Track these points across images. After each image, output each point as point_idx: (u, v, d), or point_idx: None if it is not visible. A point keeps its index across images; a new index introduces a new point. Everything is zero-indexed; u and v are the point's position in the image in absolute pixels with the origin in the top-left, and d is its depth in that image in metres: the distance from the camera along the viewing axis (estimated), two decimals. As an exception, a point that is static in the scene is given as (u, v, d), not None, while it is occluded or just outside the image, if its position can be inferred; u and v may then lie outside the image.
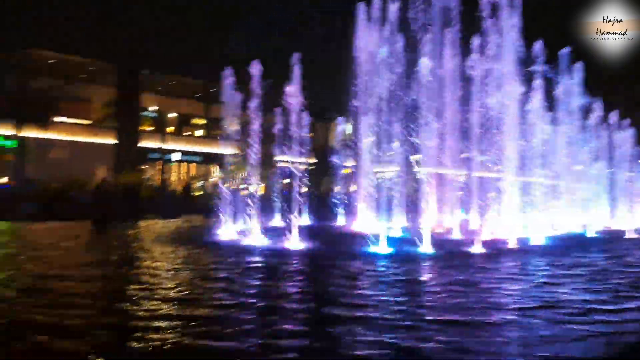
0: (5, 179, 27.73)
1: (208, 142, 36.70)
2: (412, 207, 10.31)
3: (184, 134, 38.30)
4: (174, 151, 33.87)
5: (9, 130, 24.85)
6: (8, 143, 27.08)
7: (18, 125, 24.40)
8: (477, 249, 8.01)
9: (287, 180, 39.19)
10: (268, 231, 8.05)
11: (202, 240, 7.25)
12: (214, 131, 39.61)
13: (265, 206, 9.83)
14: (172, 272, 4.52)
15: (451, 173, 13.39)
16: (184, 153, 35.34)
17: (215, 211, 18.53)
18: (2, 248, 6.00)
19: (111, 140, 31.71)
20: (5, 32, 25.52)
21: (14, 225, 9.49)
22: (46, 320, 3.02)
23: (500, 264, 6.98)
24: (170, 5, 32.22)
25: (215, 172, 38.16)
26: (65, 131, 28.63)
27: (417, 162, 12.33)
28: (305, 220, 10.83)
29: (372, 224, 9.73)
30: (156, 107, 35.43)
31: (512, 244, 8.94)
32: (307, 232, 7.84)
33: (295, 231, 7.25)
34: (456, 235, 9.80)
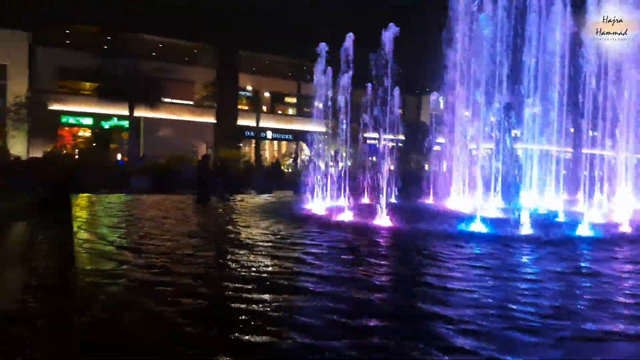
0: (119, 156, 30.72)
1: (299, 120, 37.45)
2: (510, 185, 9.58)
3: (277, 112, 39.37)
4: (267, 129, 35.02)
5: (123, 111, 27.32)
6: (123, 123, 29.91)
7: (131, 106, 26.70)
8: (585, 232, 7.20)
9: (374, 157, 38.90)
10: (356, 208, 7.94)
11: (294, 214, 7.32)
12: (305, 109, 40.37)
13: (354, 183, 9.70)
14: (258, 245, 4.58)
15: (555, 150, 12.22)
16: (277, 131, 36.38)
17: (305, 187, 18.97)
18: (126, 216, 6.54)
19: (211, 119, 33.61)
20: (118, 16, 27.90)
21: (128, 197, 10.40)
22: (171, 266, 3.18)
23: (620, 250, 6.07)
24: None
25: (305, 149, 38.92)
26: (170, 111, 30.84)
27: (516, 138, 11.41)
28: (394, 197, 10.55)
29: (466, 203, 9.20)
30: (252, 87, 36.76)
31: (626, 228, 7.92)
32: (396, 210, 7.60)
33: (384, 208, 7.06)
34: (561, 217, 8.90)
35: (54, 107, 27.55)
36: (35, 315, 3.17)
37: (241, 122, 34.22)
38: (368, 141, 38.60)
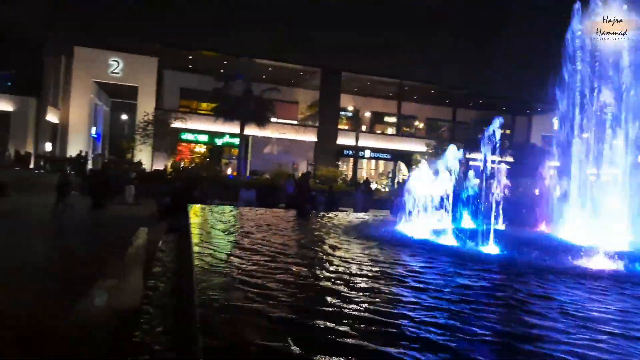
0: (230, 170, 32.84)
1: (398, 139, 37.11)
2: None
3: (377, 131, 39.44)
4: (366, 148, 35.15)
5: (234, 129, 29.25)
6: (233, 140, 32.02)
7: (242, 124, 28.50)
8: None
9: (477, 181, 36.94)
10: (460, 232, 7.54)
11: (390, 236, 7.12)
12: (405, 128, 39.94)
13: (457, 206, 9.25)
14: (359, 268, 4.49)
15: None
16: (375, 150, 36.35)
17: (403, 208, 18.62)
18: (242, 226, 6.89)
19: (313, 138, 34.65)
20: (234, 43, 30.20)
21: (237, 209, 10.99)
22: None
23: None
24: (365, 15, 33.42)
25: (404, 168, 38.32)
26: (276, 130, 32.35)
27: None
28: (501, 224, 9.88)
29: (585, 235, 8.30)
30: (352, 107, 37.35)
31: None
32: (504, 237, 7.07)
33: (490, 235, 6.61)
34: None
35: (176, 124, 30.34)
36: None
37: (341, 140, 34.80)
38: (472, 162, 37.01)
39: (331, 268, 4.10)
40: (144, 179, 22.85)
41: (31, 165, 27.54)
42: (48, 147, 30.49)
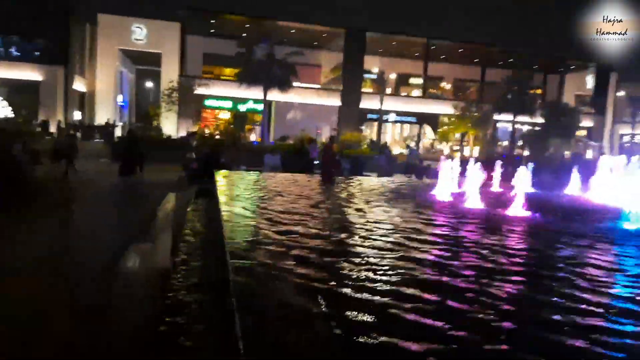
0: (254, 136, 33.00)
1: (424, 102, 36.33)
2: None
3: (402, 94, 38.68)
4: (390, 112, 34.57)
5: (258, 95, 29.13)
6: (257, 106, 31.99)
7: (265, 90, 28.32)
8: None
9: (506, 142, 36.11)
10: (485, 195, 7.47)
11: (417, 199, 7.11)
12: (431, 90, 39.00)
13: (483, 169, 9.12)
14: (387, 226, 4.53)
15: None
16: (400, 113, 35.74)
17: (428, 172, 18.45)
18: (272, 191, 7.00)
19: (336, 102, 34.28)
20: (255, 3, 29.72)
21: (262, 175, 11.12)
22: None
23: None
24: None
25: (429, 132, 37.69)
26: (299, 94, 32.04)
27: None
28: (529, 187, 9.72)
29: (618, 197, 8.09)
30: (377, 68, 36.53)
31: None
32: (533, 201, 6.96)
33: (519, 198, 6.52)
34: None
35: (199, 91, 30.44)
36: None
37: (365, 104, 34.33)
38: (500, 124, 36.08)
39: (359, 229, 4.16)
40: (168, 146, 23.19)
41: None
42: (77, 115, 31.15)
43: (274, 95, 29.45)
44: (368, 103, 34.12)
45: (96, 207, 10.41)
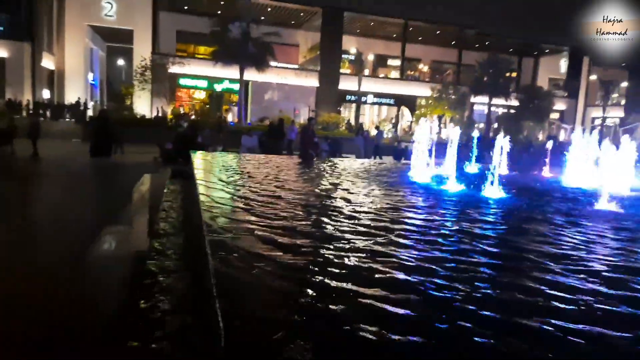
0: (230, 117, 32.55)
1: (402, 83, 36.39)
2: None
3: (379, 75, 38.63)
4: (368, 93, 34.58)
5: (234, 74, 28.62)
6: (233, 86, 31.47)
7: (241, 69, 27.84)
8: None
9: (482, 125, 36.62)
10: (463, 178, 7.57)
11: (395, 181, 7.18)
12: (409, 72, 39.07)
13: (461, 152, 9.23)
14: (366, 202, 4.54)
15: None
16: (378, 95, 35.78)
17: (406, 154, 18.61)
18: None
19: (314, 83, 34.02)
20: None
21: (239, 155, 11.00)
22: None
23: None
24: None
25: (407, 114, 37.90)
26: (277, 74, 31.65)
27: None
28: (504, 169, 9.91)
29: (590, 180, 8.32)
30: (355, 49, 36.31)
31: None
32: (508, 182, 7.11)
33: (495, 180, 6.63)
34: None
35: (173, 70, 29.72)
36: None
37: (343, 85, 34.19)
38: (476, 107, 36.53)
39: (338, 208, 4.16)
40: (144, 125, 22.73)
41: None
42: (46, 94, 30.07)
43: (251, 74, 29.03)
44: (346, 84, 34.01)
45: (66, 189, 10.14)
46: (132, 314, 2.55)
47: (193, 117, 29.03)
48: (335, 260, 2.44)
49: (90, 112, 28.72)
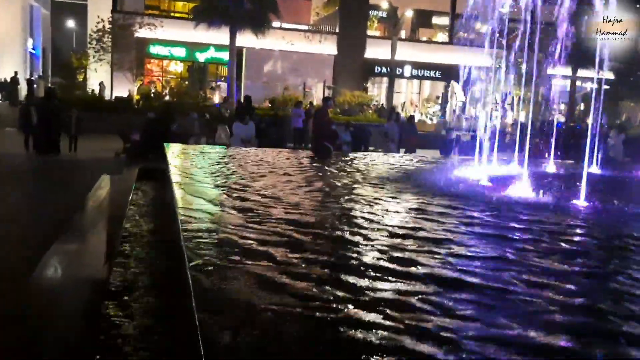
0: (217, 97, 32.78)
1: (452, 49, 36.20)
2: None
3: (421, 39, 38.54)
4: (405, 63, 34.48)
5: (222, 39, 28.73)
6: (221, 56, 31.55)
7: (232, 31, 27.94)
8: None
9: (562, 106, 36.26)
10: (536, 178, 7.50)
11: (443, 186, 7.06)
12: (462, 33, 38.84)
13: (532, 142, 9.20)
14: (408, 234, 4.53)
15: None
16: (419, 65, 35.66)
17: (458, 146, 18.43)
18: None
19: (331, 50, 34.06)
20: None
21: (227, 150, 11.07)
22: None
23: None
24: None
25: (459, 91, 37.72)
26: (280, 38, 31.68)
27: None
28: (597, 165, 9.80)
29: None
30: (387, 3, 36.27)
31: None
32: (602, 185, 7.01)
33: (583, 182, 6.54)
34: None
35: (141, 34, 29.96)
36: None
37: (371, 53, 34.19)
38: (555, 81, 36.09)
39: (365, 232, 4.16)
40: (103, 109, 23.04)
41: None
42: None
43: (246, 39, 29.14)
44: (375, 51, 33.97)
45: (2, 196, 10.31)
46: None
47: (167, 97, 29.33)
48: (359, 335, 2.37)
49: (24, 92, 29.08)
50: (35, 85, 29.53)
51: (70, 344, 3.17)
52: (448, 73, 36.41)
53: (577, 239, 4.58)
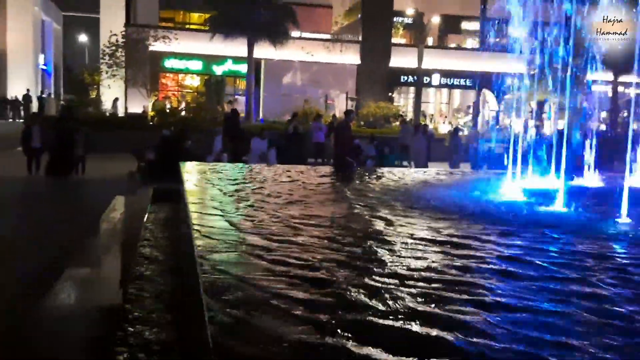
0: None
1: (483, 57, 36.08)
2: None
3: (449, 45, 38.48)
4: (433, 71, 34.45)
5: (240, 51, 29.00)
6: (239, 68, 31.83)
7: (250, 43, 28.23)
8: None
9: (604, 113, 35.77)
10: (576, 193, 7.39)
11: (477, 208, 6.83)
12: (493, 39, 38.71)
13: (571, 153, 9.09)
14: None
15: None
16: (448, 74, 35.59)
17: (491, 159, 18.26)
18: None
19: (355, 59, 34.19)
20: None
21: (247, 168, 11.13)
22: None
23: None
24: None
25: (491, 100, 37.51)
26: (300, 49, 31.92)
27: None
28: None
29: None
30: (413, 10, 36.35)
31: None
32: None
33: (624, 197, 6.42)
34: None
35: (155, 47, 30.38)
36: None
37: (396, 61, 34.24)
38: (596, 87, 35.70)
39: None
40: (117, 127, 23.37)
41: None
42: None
43: (264, 50, 29.43)
44: (401, 60, 34.04)
45: (5, 222, 10.46)
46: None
47: (184, 112, 29.65)
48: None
49: (34, 108, 29.64)
50: (45, 104, 30.12)
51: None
52: (480, 81, 36.30)
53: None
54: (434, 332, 2.58)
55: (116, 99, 29.57)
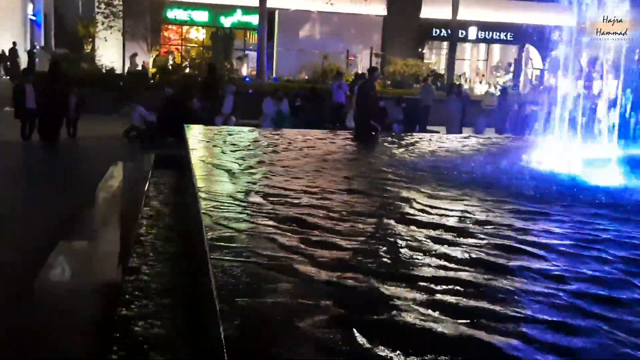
0: (245, 69, 32.90)
1: (526, 7, 35.53)
2: None
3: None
4: (470, 23, 34.02)
5: (251, 0, 28.79)
6: (249, 19, 31.64)
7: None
8: None
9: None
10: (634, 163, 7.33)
11: (519, 180, 6.56)
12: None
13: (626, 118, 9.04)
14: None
15: None
16: (486, 26, 35.15)
17: (534, 124, 18.06)
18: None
19: (380, 10, 33.85)
20: None
21: (258, 132, 11.15)
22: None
23: None
24: None
25: (535, 57, 37.05)
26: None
27: None
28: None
29: None
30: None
31: None
32: None
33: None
34: None
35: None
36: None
37: (427, 12, 33.85)
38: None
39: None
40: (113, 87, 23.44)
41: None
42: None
43: None
44: (433, 11, 33.63)
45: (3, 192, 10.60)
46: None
47: (188, 69, 29.63)
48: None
49: (23, 64, 29.65)
50: (37, 59, 30.11)
51: (80, 351, 3.26)
52: (522, 35, 35.73)
53: None
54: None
55: (134, 54, 29.30)
